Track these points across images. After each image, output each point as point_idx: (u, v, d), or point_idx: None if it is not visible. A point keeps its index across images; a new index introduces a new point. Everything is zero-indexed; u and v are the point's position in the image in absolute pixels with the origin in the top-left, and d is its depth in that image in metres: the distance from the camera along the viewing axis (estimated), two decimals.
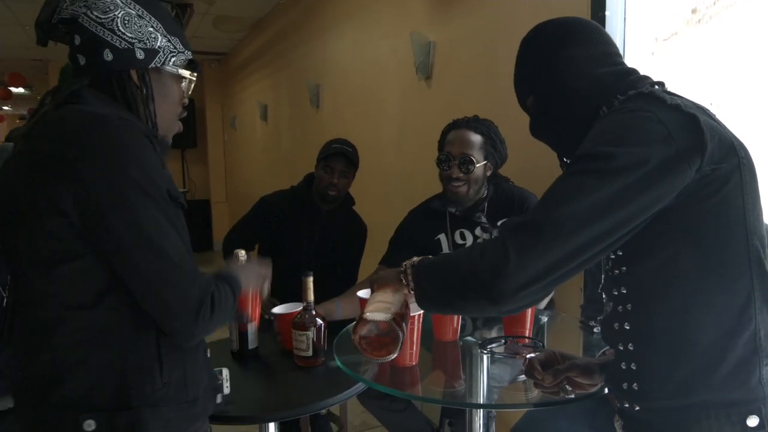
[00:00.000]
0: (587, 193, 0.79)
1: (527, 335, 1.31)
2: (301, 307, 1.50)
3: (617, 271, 0.90)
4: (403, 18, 2.97)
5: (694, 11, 1.52)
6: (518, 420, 1.35)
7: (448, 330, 1.35)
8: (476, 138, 1.72)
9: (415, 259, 0.94)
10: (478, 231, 1.78)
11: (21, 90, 8.95)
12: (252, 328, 1.56)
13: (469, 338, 1.30)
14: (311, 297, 1.50)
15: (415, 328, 1.20)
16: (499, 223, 1.72)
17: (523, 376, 1.19)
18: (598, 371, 1.00)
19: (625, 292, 0.89)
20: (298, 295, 1.98)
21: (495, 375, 1.21)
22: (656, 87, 0.89)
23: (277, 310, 1.59)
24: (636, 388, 0.88)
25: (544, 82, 1.00)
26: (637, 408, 0.88)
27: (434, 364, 1.28)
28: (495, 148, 1.75)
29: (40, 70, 7.85)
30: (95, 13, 0.94)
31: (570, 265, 0.79)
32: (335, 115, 4.07)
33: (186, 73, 1.04)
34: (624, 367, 0.89)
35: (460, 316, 1.35)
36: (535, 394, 1.20)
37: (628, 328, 0.89)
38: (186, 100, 1.08)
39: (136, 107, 0.98)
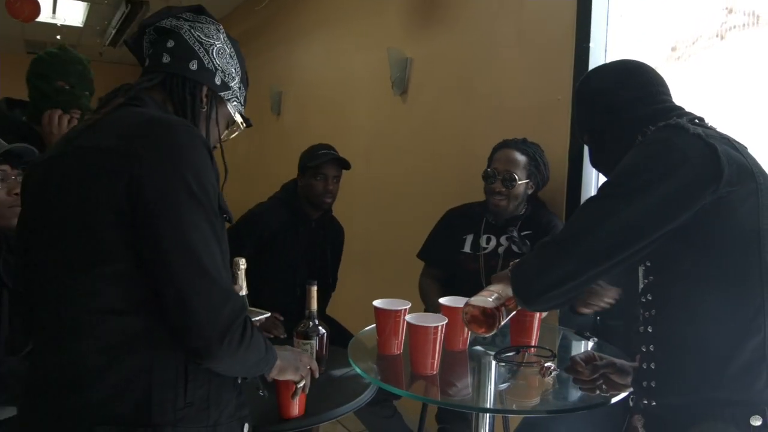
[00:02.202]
0: (605, 214, 0.94)
1: (534, 344, 1.38)
2: (405, 305, 1.42)
3: (647, 280, 1.00)
4: (380, 32, 3.02)
5: (673, 49, 1.67)
6: (517, 426, 1.41)
7: (459, 340, 1.40)
8: (521, 158, 1.86)
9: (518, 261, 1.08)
10: (503, 239, 1.91)
11: None
12: None
13: (478, 348, 1.36)
14: (315, 306, 1.50)
15: (438, 338, 1.24)
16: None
17: (504, 385, 1.29)
18: (630, 373, 1.08)
19: (650, 298, 1.00)
20: (289, 306, 1.97)
21: (503, 382, 1.27)
22: (683, 119, 0.99)
23: (378, 304, 1.43)
24: (653, 386, 0.97)
25: (598, 121, 1.11)
26: (654, 404, 0.98)
27: (445, 372, 1.32)
28: (538, 170, 1.88)
29: None
30: (198, 33, 1.02)
31: (586, 275, 0.94)
32: (298, 123, 4.05)
33: (239, 118, 1.10)
34: (645, 367, 0.99)
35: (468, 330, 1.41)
36: (537, 401, 1.28)
37: (651, 331, 0.98)
38: (219, 145, 1.10)
39: (193, 120, 1.00)
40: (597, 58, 1.90)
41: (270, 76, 4.43)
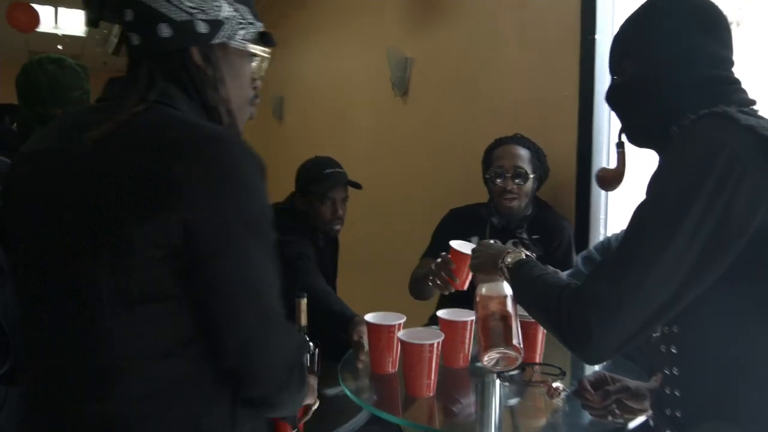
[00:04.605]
0: (660, 253, 0.76)
1: (538, 360, 1.26)
2: (399, 319, 1.34)
3: None
4: (379, 33, 2.93)
5: None
6: None
7: (459, 357, 1.28)
8: (525, 152, 1.77)
9: (509, 260, 0.99)
10: (510, 244, 1.76)
11: None
12: None
13: (480, 365, 1.24)
14: (304, 320, 1.40)
15: (434, 357, 1.12)
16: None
17: (514, 400, 1.19)
18: (648, 396, 0.96)
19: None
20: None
21: (509, 402, 1.16)
22: (731, 108, 0.81)
23: (369, 318, 1.37)
24: (678, 416, 0.85)
25: (654, 53, 0.90)
26: None
27: (444, 393, 1.21)
28: (541, 162, 1.79)
29: None
30: None
31: (655, 324, 0.80)
32: (300, 128, 3.97)
33: (257, 48, 0.85)
34: (668, 392, 0.86)
35: (471, 342, 1.30)
36: (543, 423, 1.17)
37: (674, 352, 0.86)
38: (259, 82, 0.89)
39: (204, 94, 0.80)
40: (604, 50, 1.78)
41: (271, 81, 4.36)
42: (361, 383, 1.32)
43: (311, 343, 1.40)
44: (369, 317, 1.32)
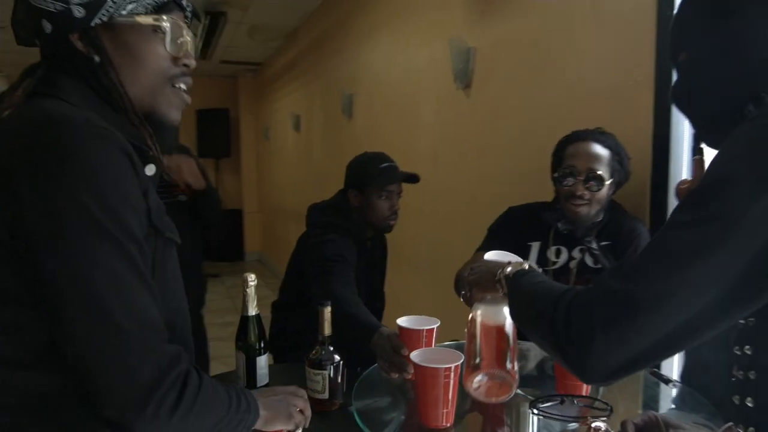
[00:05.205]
0: (698, 257, 0.61)
1: (585, 392, 1.08)
2: (433, 323, 1.27)
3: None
4: (442, 24, 2.79)
5: None
6: None
7: None
8: (604, 152, 1.52)
9: (509, 270, 0.89)
10: (576, 252, 1.58)
11: None
12: (263, 361, 1.37)
13: (516, 391, 1.08)
14: (328, 330, 1.30)
15: (452, 382, 0.98)
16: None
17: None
18: None
19: (747, 328, 0.70)
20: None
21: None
22: None
23: (402, 322, 1.30)
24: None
25: (707, 39, 0.79)
26: None
27: (473, 423, 1.06)
28: (621, 165, 1.55)
29: None
30: None
31: (674, 347, 0.64)
32: (369, 125, 3.91)
33: (149, 19, 0.77)
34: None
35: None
36: None
37: (753, 378, 0.69)
38: (187, 59, 0.82)
39: (96, 80, 0.76)
40: None
41: (341, 79, 4.34)
42: (377, 404, 1.20)
43: (335, 356, 1.31)
44: (402, 321, 1.23)
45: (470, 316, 0.94)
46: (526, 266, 0.89)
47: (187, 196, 1.95)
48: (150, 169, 0.78)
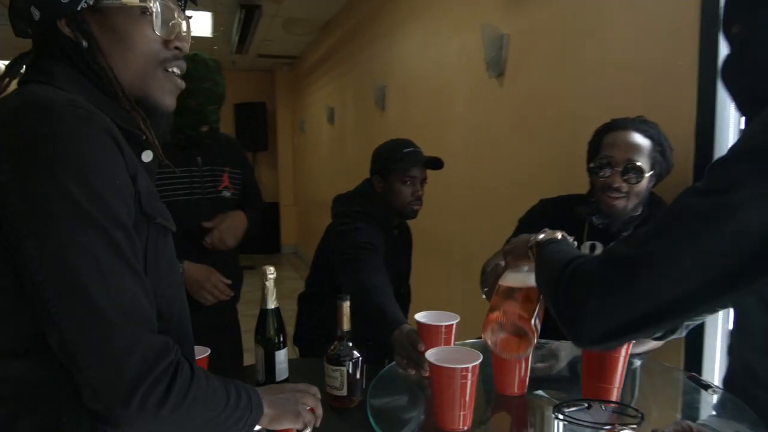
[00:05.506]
0: (706, 225, 0.58)
1: (616, 396, 1.01)
2: (452, 319, 1.24)
3: None
4: (474, 11, 2.71)
5: None
6: None
7: (514, 381, 1.07)
8: (645, 142, 1.43)
9: (541, 236, 0.91)
10: None
11: None
12: (282, 355, 1.35)
13: (540, 392, 1.03)
14: (347, 325, 1.27)
15: (469, 383, 0.93)
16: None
17: None
18: None
19: None
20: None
21: None
22: None
23: (420, 317, 1.28)
24: None
25: (761, 9, 0.74)
26: None
27: (493, 427, 1.01)
28: (663, 156, 1.45)
29: None
30: None
31: (668, 319, 0.61)
32: (401, 117, 3.86)
33: (135, 0, 0.75)
34: None
35: (528, 366, 1.08)
36: None
37: None
38: (179, 41, 0.80)
39: (85, 65, 0.75)
40: None
41: (373, 71, 4.30)
42: (394, 402, 1.16)
43: (355, 352, 1.28)
44: (420, 316, 1.20)
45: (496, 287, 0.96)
46: (558, 236, 0.90)
47: (230, 192, 1.92)
48: (147, 156, 0.77)
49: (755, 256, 0.55)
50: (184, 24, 0.81)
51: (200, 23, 5.69)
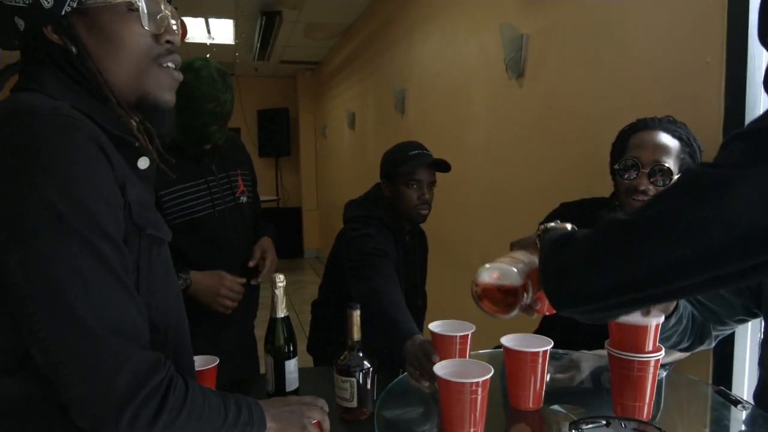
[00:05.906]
0: (708, 194, 0.56)
1: (647, 413, 0.94)
2: (468, 329, 1.22)
3: None
4: (492, 11, 2.66)
5: None
6: None
7: (529, 395, 1.02)
8: (673, 143, 1.37)
9: (550, 224, 0.90)
10: None
11: None
12: (292, 365, 1.33)
13: (556, 407, 0.98)
14: (357, 335, 1.24)
15: (479, 398, 0.89)
16: None
17: None
18: None
19: None
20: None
21: None
22: None
23: (434, 327, 1.26)
24: None
25: None
26: None
27: None
28: (693, 158, 1.39)
29: None
30: None
31: (661, 288, 0.59)
32: (421, 120, 3.83)
33: None
34: None
35: (544, 379, 1.03)
36: None
37: None
38: (169, 35, 0.78)
39: (75, 70, 0.74)
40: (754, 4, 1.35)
41: (393, 75, 4.28)
42: (405, 415, 1.12)
43: (365, 362, 1.24)
44: (434, 326, 1.17)
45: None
46: (569, 227, 0.88)
47: (246, 196, 1.90)
48: (143, 162, 0.75)
49: (745, 236, 0.53)
50: (173, 19, 0.79)
51: (222, 31, 5.75)
